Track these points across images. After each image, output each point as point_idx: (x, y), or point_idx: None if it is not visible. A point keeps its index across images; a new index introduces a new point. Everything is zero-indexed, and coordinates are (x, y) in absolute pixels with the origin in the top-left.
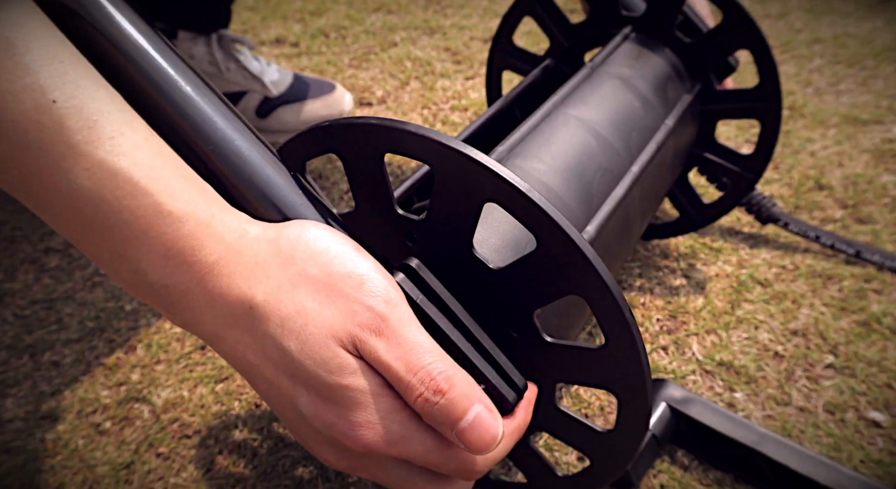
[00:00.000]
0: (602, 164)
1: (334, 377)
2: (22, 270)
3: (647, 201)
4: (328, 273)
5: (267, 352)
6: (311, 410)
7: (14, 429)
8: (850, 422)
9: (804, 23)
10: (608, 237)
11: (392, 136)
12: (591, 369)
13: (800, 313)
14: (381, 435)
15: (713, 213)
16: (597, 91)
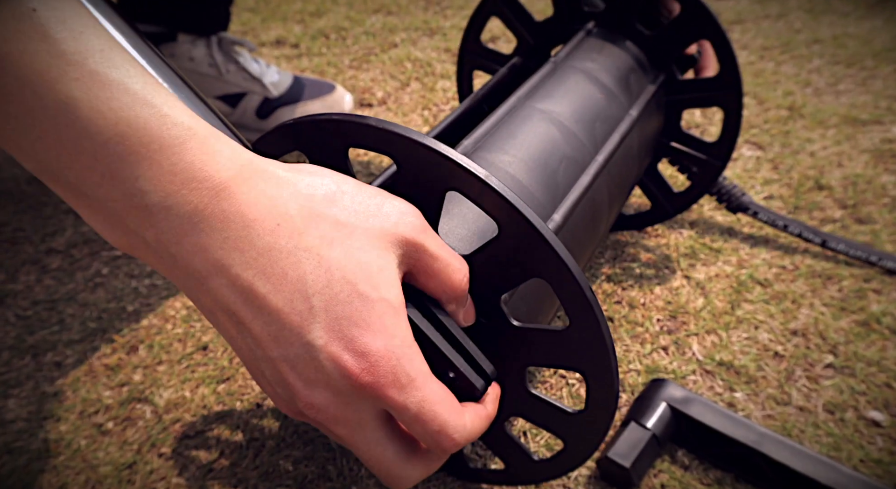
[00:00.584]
0: (566, 154)
1: (373, 290)
2: (24, 271)
3: (614, 190)
4: (363, 191)
5: (290, 271)
6: (323, 339)
7: (16, 429)
8: (850, 421)
9: (803, 23)
10: (575, 225)
11: (354, 131)
12: (557, 351)
13: (800, 313)
14: (394, 372)
15: (683, 202)
16: (560, 84)
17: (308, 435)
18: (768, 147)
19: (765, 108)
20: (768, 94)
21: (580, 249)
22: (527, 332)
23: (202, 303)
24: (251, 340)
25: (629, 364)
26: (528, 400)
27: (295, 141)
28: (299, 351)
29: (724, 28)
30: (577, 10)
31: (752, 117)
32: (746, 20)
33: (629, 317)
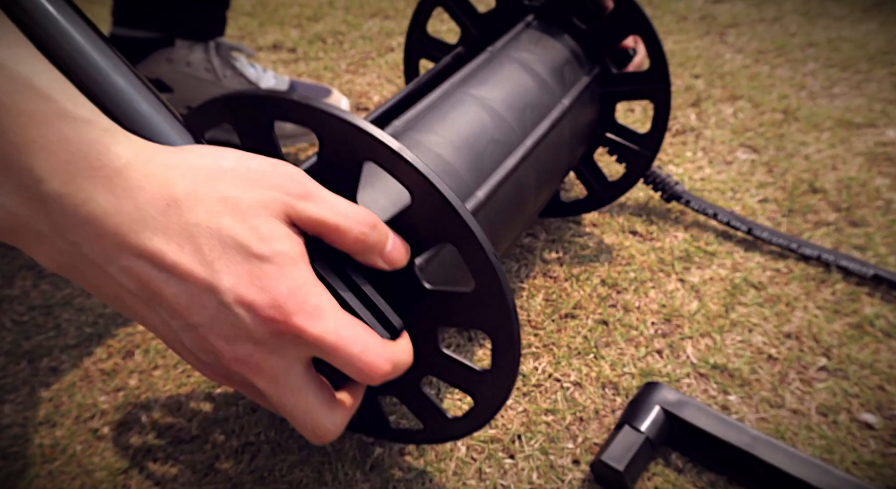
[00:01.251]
0: (495, 137)
1: (263, 246)
2: (20, 276)
3: (543, 174)
4: (244, 164)
5: (186, 244)
6: (233, 294)
7: (12, 434)
8: (843, 424)
9: (798, 26)
10: (500, 203)
11: (280, 106)
12: (465, 312)
13: (793, 316)
14: (301, 304)
15: (617, 190)
16: (495, 72)
17: (303, 440)
18: (763, 150)
19: (760, 112)
20: (763, 97)
21: (504, 226)
22: (437, 294)
23: (106, 290)
24: (166, 313)
25: (623, 367)
26: (440, 359)
27: (224, 114)
28: (214, 311)
29: (653, 25)
30: (518, 3)
31: (747, 120)
32: (742, 24)
33: (624, 320)
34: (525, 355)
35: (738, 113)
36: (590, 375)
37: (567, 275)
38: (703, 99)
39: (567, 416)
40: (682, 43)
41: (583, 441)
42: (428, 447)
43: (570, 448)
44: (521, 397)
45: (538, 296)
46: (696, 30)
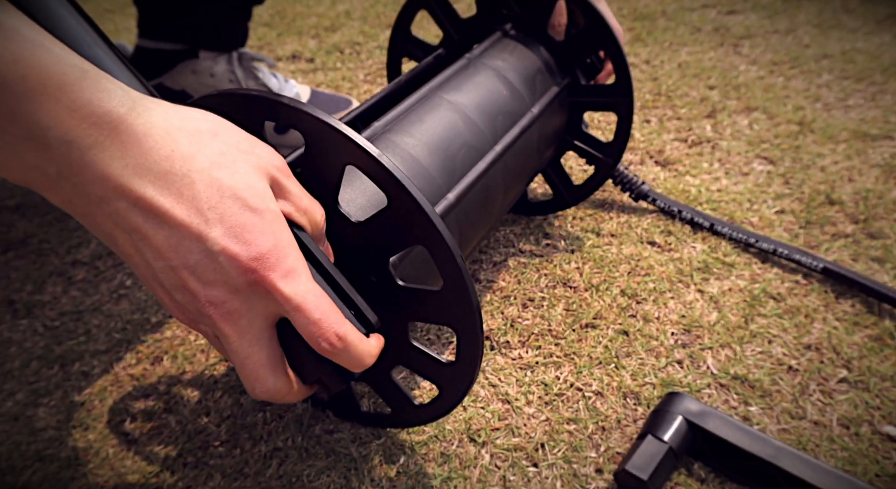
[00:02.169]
0: (467, 141)
1: (259, 201)
2: (50, 282)
3: (510, 177)
4: (238, 132)
5: (185, 191)
6: (220, 243)
7: (47, 437)
8: (865, 436)
9: (812, 38)
10: (469, 205)
11: (270, 107)
12: (433, 309)
13: (813, 328)
14: (279, 262)
15: (581, 193)
16: (470, 79)
17: (330, 445)
18: (779, 162)
19: (775, 123)
20: (778, 108)
21: (472, 227)
22: (409, 291)
23: (101, 227)
24: (151, 253)
25: (644, 377)
26: (410, 351)
27: (218, 111)
28: (199, 256)
29: (619, 42)
30: (497, 12)
31: (763, 132)
32: (755, 35)
33: (644, 330)
34: (546, 364)
35: (753, 124)
36: (611, 385)
37: (587, 285)
38: (719, 110)
39: (589, 425)
40: (696, 54)
41: (605, 450)
42: (453, 455)
43: (592, 457)
44: (543, 406)
45: (558, 306)
46: (710, 41)
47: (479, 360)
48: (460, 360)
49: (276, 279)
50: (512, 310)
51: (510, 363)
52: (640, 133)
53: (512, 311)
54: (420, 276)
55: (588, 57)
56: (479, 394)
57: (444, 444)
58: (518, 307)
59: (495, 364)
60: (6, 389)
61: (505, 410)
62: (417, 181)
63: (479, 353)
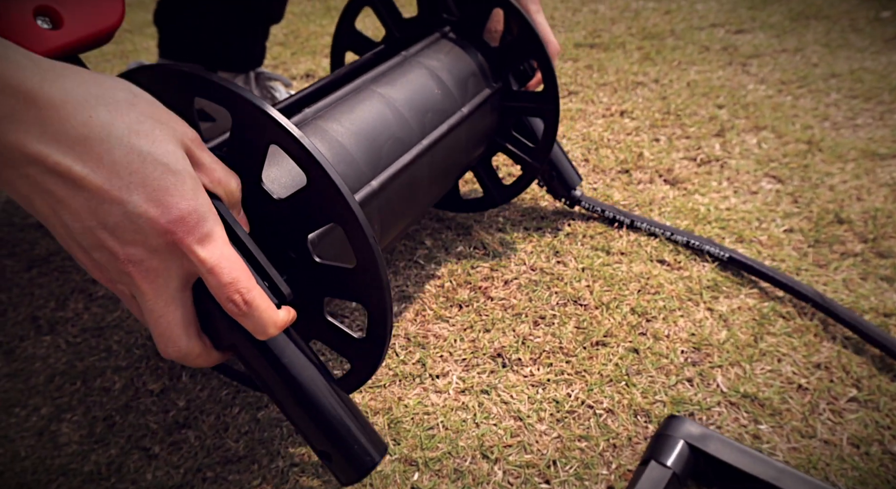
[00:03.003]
0: (395, 134)
1: (179, 166)
2: (72, 299)
3: (436, 172)
4: (155, 102)
5: (104, 156)
6: (140, 207)
7: (70, 452)
8: (875, 455)
9: (820, 57)
10: (392, 193)
11: (201, 84)
12: (347, 285)
13: (822, 346)
14: (196, 225)
15: (510, 193)
16: (404, 75)
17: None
18: (788, 180)
19: (784, 142)
20: (787, 127)
21: (395, 215)
22: (325, 268)
23: (18, 190)
24: (69, 216)
25: (655, 395)
26: (324, 325)
27: (151, 85)
28: (118, 218)
29: (549, 53)
30: (437, 14)
31: (772, 151)
32: (764, 54)
33: (654, 348)
34: (558, 382)
35: (762, 143)
36: (622, 402)
37: (597, 303)
38: (727, 129)
39: (600, 443)
40: (704, 73)
41: (616, 467)
42: (466, 471)
43: (604, 474)
44: (554, 423)
45: (569, 324)
46: (719, 60)
47: (387, 337)
48: (370, 337)
49: (193, 242)
50: (523, 328)
51: (522, 380)
52: (649, 152)
53: (523, 329)
54: (338, 256)
55: (520, 64)
56: (491, 411)
57: (458, 461)
58: (529, 325)
59: (507, 381)
60: (31, 404)
61: (517, 427)
62: (341, 166)
63: (387, 331)
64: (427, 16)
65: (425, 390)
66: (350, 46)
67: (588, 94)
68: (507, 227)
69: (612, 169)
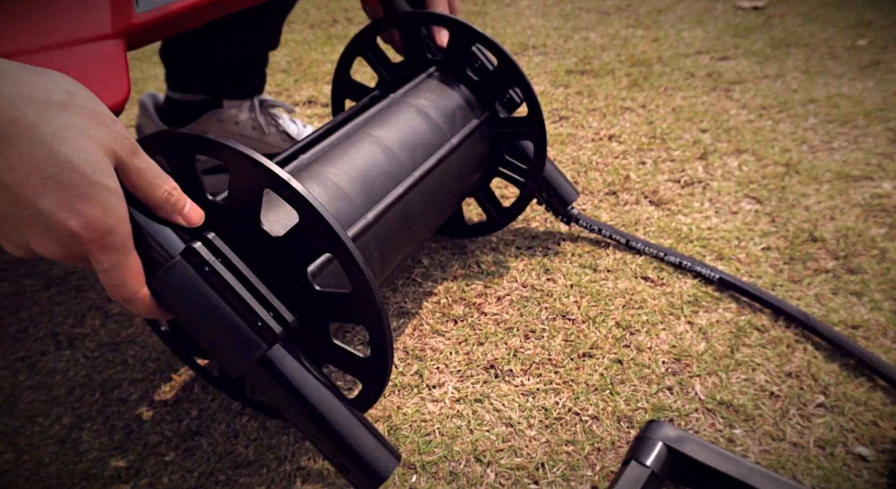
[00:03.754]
0: (386, 169)
1: (97, 176)
2: (90, 316)
3: (430, 201)
4: (93, 104)
5: (25, 157)
6: (50, 210)
7: (91, 458)
8: (839, 456)
9: (800, 83)
10: (388, 223)
11: (198, 143)
12: (347, 310)
13: (794, 357)
14: (104, 233)
15: (510, 215)
16: (394, 115)
17: None
18: (766, 201)
19: (763, 165)
20: (766, 151)
21: (393, 243)
22: (325, 295)
23: None
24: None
25: (637, 403)
26: (332, 349)
27: (158, 149)
28: (32, 213)
29: (528, 79)
30: (422, 56)
31: (752, 173)
32: (746, 80)
33: (637, 359)
34: (546, 391)
35: (742, 166)
36: (606, 410)
37: (584, 317)
38: (710, 152)
39: (586, 447)
40: (689, 98)
41: (601, 469)
42: (461, 473)
43: (589, 475)
44: (543, 429)
45: (558, 337)
46: (703, 86)
47: (388, 355)
48: (374, 355)
49: (94, 249)
50: (515, 341)
51: (513, 390)
52: (635, 174)
53: (515, 342)
54: (339, 284)
55: (505, 94)
56: (484, 418)
57: (453, 464)
58: (521, 338)
59: (499, 390)
60: (54, 414)
61: (508, 433)
62: (336, 203)
63: (388, 348)
64: (413, 58)
65: (423, 399)
66: (348, 94)
67: (578, 118)
68: (500, 247)
69: (601, 190)
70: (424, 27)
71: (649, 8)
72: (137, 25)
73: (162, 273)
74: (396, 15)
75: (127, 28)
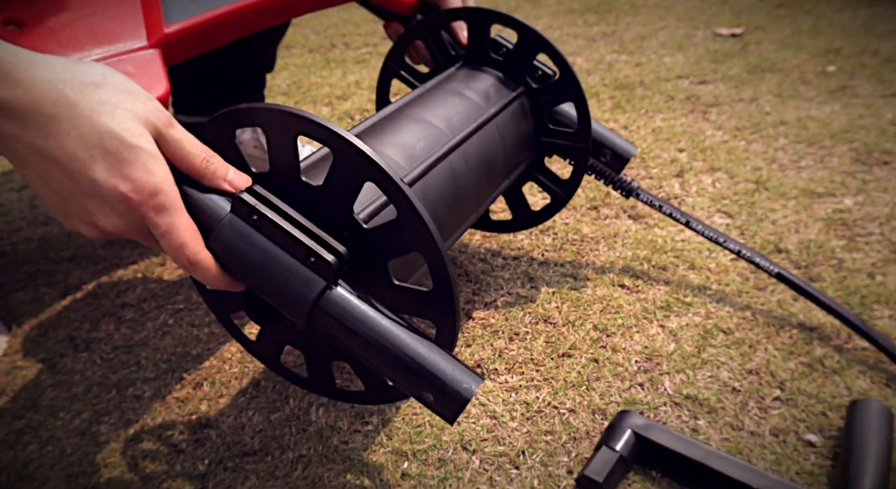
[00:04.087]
0: (424, 136)
1: (135, 140)
2: (104, 322)
3: (476, 164)
4: (127, 82)
5: (71, 132)
6: (102, 176)
7: (109, 448)
8: (791, 442)
9: (772, 106)
10: (432, 182)
11: (303, 123)
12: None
13: (755, 356)
14: (153, 194)
15: (571, 187)
16: (427, 98)
17: (346, 453)
18: (736, 215)
19: (735, 182)
20: (738, 169)
21: (440, 200)
22: (374, 231)
23: (20, 168)
24: (55, 185)
25: (611, 397)
26: (395, 292)
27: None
28: (87, 186)
29: (551, 41)
30: (447, 56)
31: (724, 190)
32: (723, 103)
33: (612, 359)
34: (528, 387)
35: (716, 183)
36: (582, 403)
37: (564, 321)
38: (686, 170)
39: (563, 436)
40: (668, 120)
41: (576, 455)
42: (449, 460)
43: (565, 461)
44: (525, 421)
45: (539, 339)
46: (682, 108)
47: (451, 278)
48: (436, 284)
49: (147, 210)
50: (500, 343)
51: (498, 386)
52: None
53: (500, 344)
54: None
55: (533, 67)
56: (470, 412)
57: (441, 452)
58: (505, 340)
59: (485, 387)
60: (74, 409)
61: (492, 424)
62: None
63: (447, 270)
64: (441, 62)
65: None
66: (396, 75)
67: None
68: (487, 257)
69: (583, 206)
70: (446, 32)
71: (633, 35)
72: (169, 36)
73: (216, 233)
74: (417, 23)
75: (161, 40)
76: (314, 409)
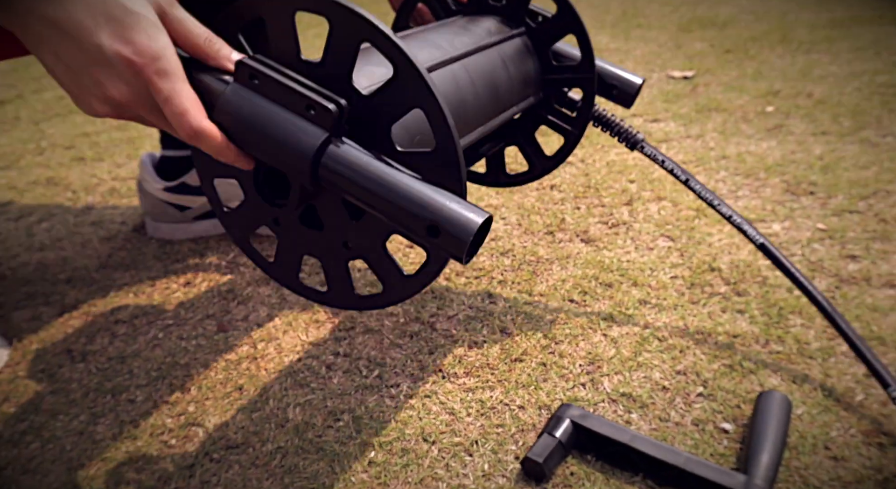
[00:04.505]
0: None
1: (136, 7)
2: (99, 336)
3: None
4: None
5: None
6: (107, 41)
7: (105, 445)
8: (708, 430)
9: (716, 142)
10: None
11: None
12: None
13: (684, 359)
14: (155, 60)
15: (581, 123)
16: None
17: (319, 444)
18: (678, 239)
19: (678, 210)
20: (682, 198)
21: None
22: (372, 97)
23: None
24: (67, 58)
25: (556, 395)
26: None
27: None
28: (96, 53)
29: (583, 23)
30: (448, 9)
31: (668, 216)
32: (672, 139)
33: (559, 363)
34: (483, 387)
35: (661, 210)
36: (531, 401)
37: (518, 331)
38: (635, 199)
39: (512, 428)
40: (622, 155)
41: (523, 444)
42: (411, 450)
43: (513, 449)
44: (479, 416)
45: (495, 347)
46: None
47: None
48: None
49: (151, 74)
50: (460, 351)
51: (456, 387)
52: (570, 217)
53: (460, 351)
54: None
55: (528, 10)
56: (431, 409)
57: (404, 443)
58: (465, 348)
59: (445, 388)
60: (72, 412)
61: (450, 419)
62: None
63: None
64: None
65: (382, 397)
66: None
67: None
68: (451, 276)
69: (540, 231)
70: None
71: None
72: None
73: (220, 101)
74: None
75: None
76: (291, 408)
